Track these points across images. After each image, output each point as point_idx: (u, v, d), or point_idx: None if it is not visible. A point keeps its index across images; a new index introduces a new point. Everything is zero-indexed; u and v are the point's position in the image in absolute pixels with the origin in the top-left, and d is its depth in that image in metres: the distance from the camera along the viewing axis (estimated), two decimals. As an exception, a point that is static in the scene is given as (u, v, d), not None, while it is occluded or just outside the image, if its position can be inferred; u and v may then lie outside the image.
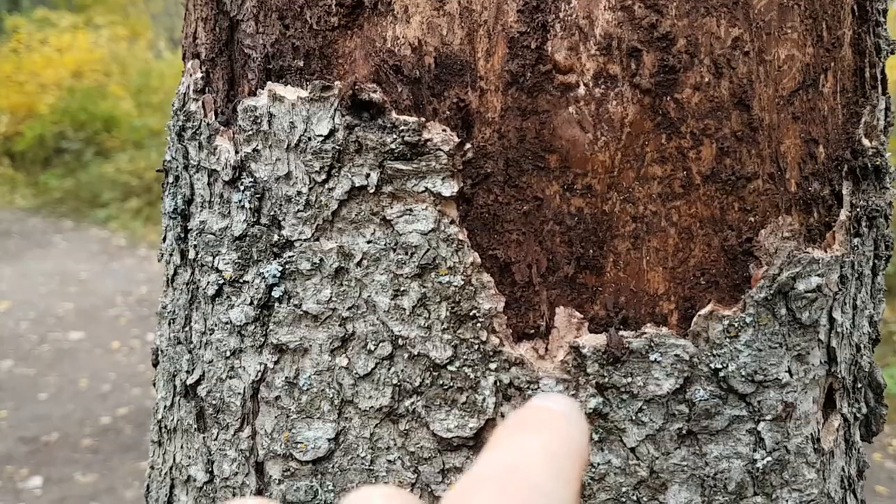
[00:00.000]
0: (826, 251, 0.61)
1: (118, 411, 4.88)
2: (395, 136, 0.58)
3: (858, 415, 0.69)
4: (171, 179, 0.72)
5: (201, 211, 0.67)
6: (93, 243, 8.48)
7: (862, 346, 0.68)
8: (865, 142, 0.64)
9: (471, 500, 0.30)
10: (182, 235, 0.70)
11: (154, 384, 0.80)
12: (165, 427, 0.74)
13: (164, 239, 0.75)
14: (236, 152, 0.64)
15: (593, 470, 0.59)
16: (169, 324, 0.73)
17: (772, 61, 0.59)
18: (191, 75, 0.70)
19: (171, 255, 0.73)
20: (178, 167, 0.71)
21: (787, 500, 0.62)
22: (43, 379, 5.79)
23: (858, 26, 0.66)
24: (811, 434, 0.63)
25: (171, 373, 0.72)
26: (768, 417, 0.60)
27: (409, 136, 0.58)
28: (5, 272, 7.95)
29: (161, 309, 0.76)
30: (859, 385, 0.68)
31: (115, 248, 8.30)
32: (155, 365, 0.79)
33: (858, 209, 0.64)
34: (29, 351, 6.18)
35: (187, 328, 0.70)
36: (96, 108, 9.80)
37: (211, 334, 0.67)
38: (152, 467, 0.77)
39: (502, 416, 0.59)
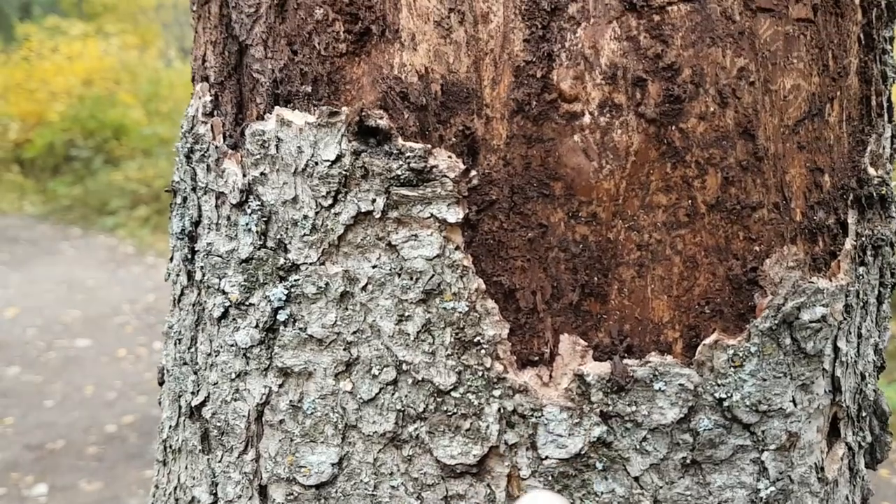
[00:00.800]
0: (831, 280, 0.61)
1: (124, 419, 4.89)
2: (401, 163, 0.58)
3: (863, 443, 0.69)
4: (179, 200, 0.73)
5: (208, 233, 0.68)
6: (101, 251, 8.51)
7: (867, 374, 0.68)
8: (871, 171, 0.64)
9: None
10: (189, 256, 0.70)
11: (160, 402, 0.80)
12: (170, 447, 0.75)
13: (172, 259, 0.75)
14: (244, 175, 0.64)
15: (597, 499, 0.59)
16: (175, 344, 0.73)
17: (777, 91, 0.59)
18: (200, 98, 0.70)
19: (178, 275, 0.73)
20: (186, 188, 0.71)
21: (790, 530, 0.62)
22: (49, 386, 5.80)
23: (865, 54, 0.66)
24: (815, 463, 0.63)
25: (177, 393, 0.73)
26: (772, 447, 0.60)
27: (414, 162, 0.58)
28: (13, 279, 7.98)
29: (168, 329, 0.76)
30: (864, 414, 0.68)
31: (123, 255, 8.32)
32: (161, 384, 0.80)
33: (864, 238, 0.64)
34: (35, 358, 6.20)
35: (193, 349, 0.70)
36: (106, 116, 9.85)
37: (216, 356, 0.67)
38: (157, 486, 0.77)
39: (506, 443, 0.59)
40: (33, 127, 10.34)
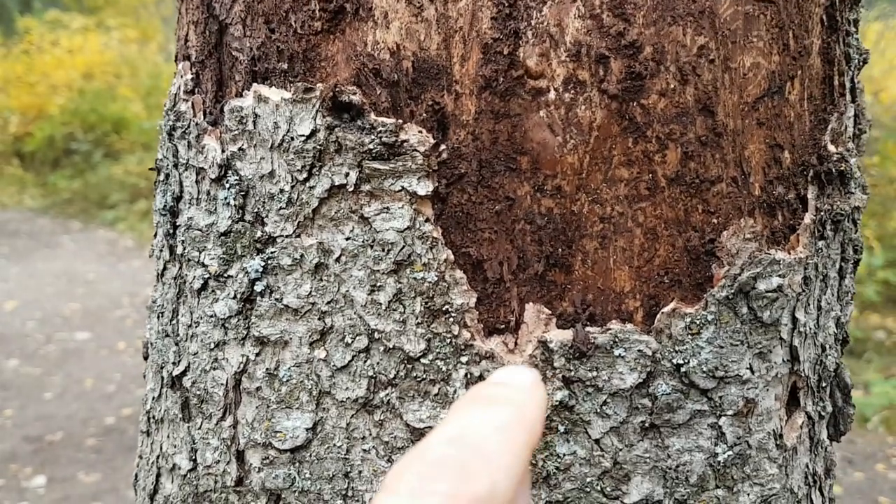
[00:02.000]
0: (789, 253, 0.63)
1: (122, 412, 4.91)
2: (373, 137, 0.60)
3: (823, 413, 0.71)
4: (161, 177, 0.75)
5: (189, 208, 0.70)
6: (100, 244, 8.53)
7: (827, 346, 0.70)
8: (831, 147, 0.66)
9: (413, 466, 0.33)
10: (171, 231, 0.72)
11: (144, 376, 0.82)
12: (153, 417, 0.77)
13: (156, 235, 0.77)
14: (223, 151, 0.66)
15: (559, 460, 0.61)
16: (158, 317, 0.76)
17: (737, 69, 0.61)
18: (182, 76, 0.72)
19: (161, 250, 0.75)
20: (168, 165, 0.73)
21: (748, 494, 0.64)
22: (48, 378, 5.82)
23: (828, 35, 0.68)
24: (773, 430, 0.65)
25: (160, 364, 0.75)
26: (729, 412, 0.62)
27: (386, 136, 0.60)
28: (13, 272, 7.99)
29: (151, 303, 0.78)
30: (824, 384, 0.70)
31: (123, 249, 8.34)
32: (146, 358, 0.82)
33: (823, 213, 0.66)
34: (35, 350, 6.22)
35: (174, 321, 0.72)
36: (106, 110, 9.86)
37: (196, 327, 0.69)
38: (140, 457, 0.79)
39: (472, 407, 0.61)
40: (33, 120, 10.35)
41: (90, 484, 4.14)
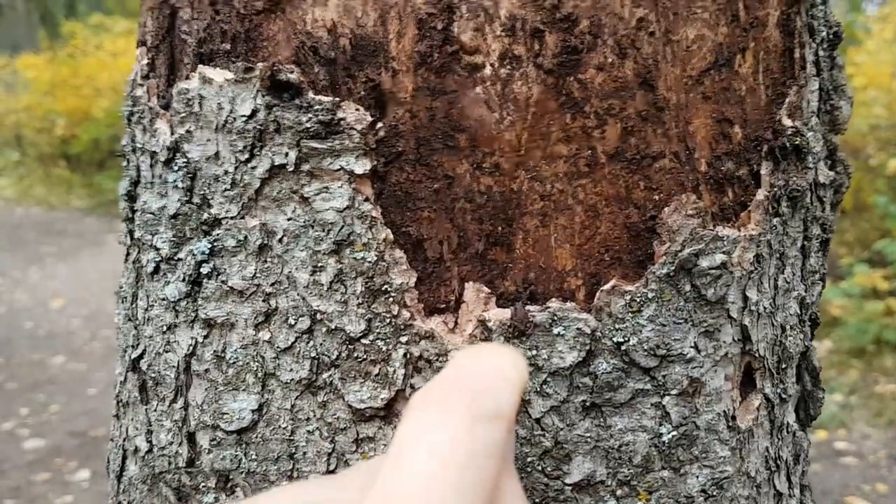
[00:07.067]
0: (740, 230, 0.62)
1: (162, 406, 4.97)
2: (310, 116, 0.60)
3: (785, 396, 0.69)
4: (124, 163, 0.75)
5: (145, 192, 0.70)
6: (143, 243, 8.65)
7: (788, 326, 0.68)
8: (787, 122, 0.64)
9: (434, 391, 0.42)
10: (130, 216, 0.73)
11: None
12: (121, 401, 0.77)
13: (122, 221, 0.78)
14: (172, 134, 0.66)
15: (497, 441, 0.60)
16: (121, 301, 0.76)
17: (679, 41, 0.60)
18: (139, 62, 0.72)
19: (124, 235, 0.76)
20: (128, 150, 0.74)
21: (696, 476, 0.62)
22: (93, 375, 5.92)
23: (788, 7, 0.66)
24: (724, 411, 0.63)
25: (123, 348, 0.75)
26: (673, 392, 0.61)
27: (323, 115, 0.59)
28: (60, 270, 8.15)
29: (118, 288, 0.79)
30: (783, 366, 0.68)
31: (165, 247, 8.45)
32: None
33: (777, 189, 0.64)
34: (80, 347, 6.33)
35: (134, 305, 0.73)
36: (149, 111, 10.00)
37: (151, 310, 0.70)
38: (111, 440, 0.80)
39: (412, 387, 0.61)
40: (79, 123, 10.55)
41: (131, 478, 4.19)
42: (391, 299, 0.60)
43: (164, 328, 0.68)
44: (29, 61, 11.70)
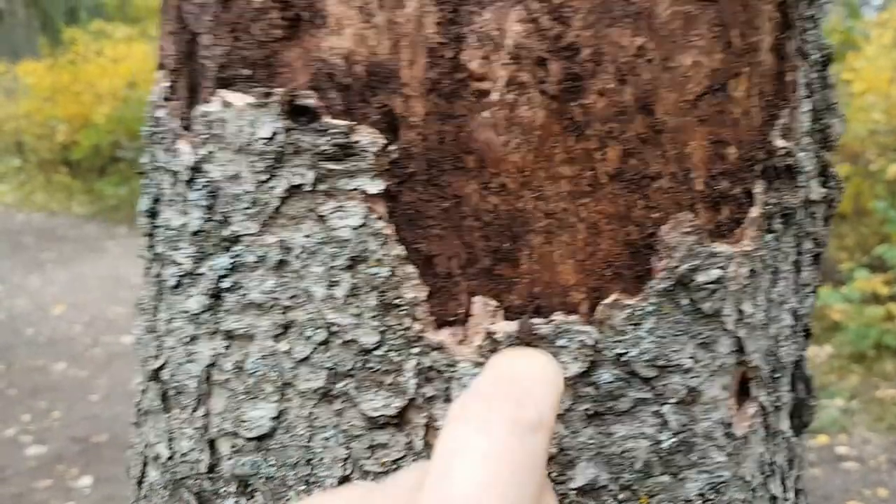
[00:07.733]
0: (735, 246, 0.65)
1: (164, 412, 4.99)
2: (327, 139, 0.63)
3: (779, 404, 0.72)
4: (145, 181, 0.79)
5: (166, 209, 0.73)
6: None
7: (781, 337, 0.71)
8: (780, 142, 0.68)
9: (474, 401, 0.43)
10: (151, 232, 0.76)
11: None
12: (141, 410, 0.81)
13: (143, 236, 0.81)
14: (194, 154, 0.70)
15: (505, 447, 0.63)
16: (142, 313, 0.79)
17: (677, 68, 0.63)
18: (160, 84, 0.76)
19: (146, 251, 0.79)
20: (149, 169, 0.77)
21: (695, 481, 0.66)
22: (95, 381, 5.94)
23: (780, 32, 0.69)
24: (721, 419, 0.66)
25: (144, 359, 0.79)
26: (672, 401, 0.64)
27: (339, 138, 0.63)
28: (61, 276, 8.16)
29: (139, 302, 0.82)
30: (777, 375, 0.71)
31: (166, 253, 8.46)
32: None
33: (770, 206, 0.67)
34: (82, 353, 6.35)
35: (155, 318, 0.76)
36: (150, 118, 10.02)
37: (172, 322, 0.73)
38: (132, 447, 0.83)
39: (423, 396, 0.64)
40: (80, 129, 10.57)
41: (133, 484, 4.21)
42: (403, 312, 0.64)
43: (186, 340, 0.71)
44: (29, 67, 11.75)
